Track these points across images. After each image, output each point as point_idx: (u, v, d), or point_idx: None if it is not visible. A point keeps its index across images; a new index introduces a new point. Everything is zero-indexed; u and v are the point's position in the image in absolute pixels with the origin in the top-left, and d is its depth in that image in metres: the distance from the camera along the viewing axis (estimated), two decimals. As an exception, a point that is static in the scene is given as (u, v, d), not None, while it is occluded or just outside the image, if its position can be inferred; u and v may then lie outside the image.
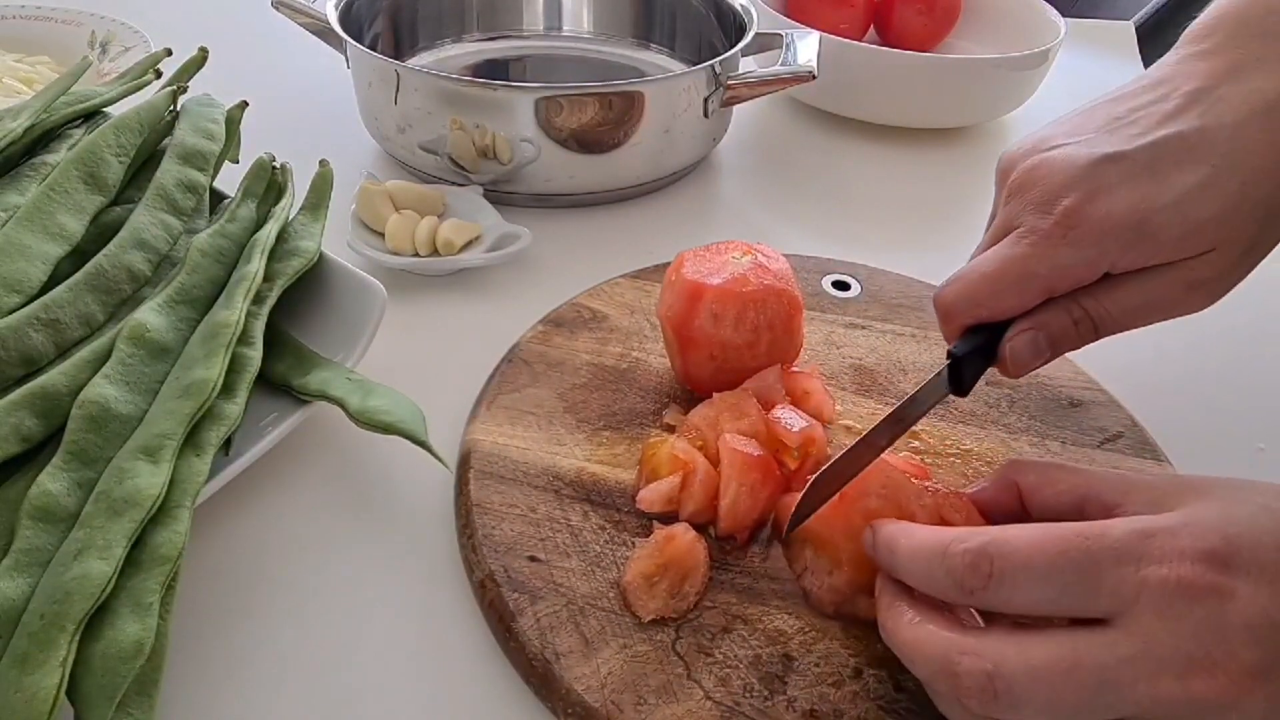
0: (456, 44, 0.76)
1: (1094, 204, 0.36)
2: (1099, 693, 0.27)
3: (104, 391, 0.37)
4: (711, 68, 0.60)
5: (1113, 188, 0.35)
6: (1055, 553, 0.29)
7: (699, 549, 0.37)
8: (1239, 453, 0.48)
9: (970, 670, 0.29)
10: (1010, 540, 0.30)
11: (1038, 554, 0.29)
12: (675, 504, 0.40)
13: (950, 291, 0.39)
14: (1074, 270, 0.36)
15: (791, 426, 0.40)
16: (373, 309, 0.44)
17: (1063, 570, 0.28)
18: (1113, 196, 0.35)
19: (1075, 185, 0.36)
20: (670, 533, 0.38)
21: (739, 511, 0.39)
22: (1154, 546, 0.28)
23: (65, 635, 0.30)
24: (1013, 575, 0.29)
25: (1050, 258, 0.36)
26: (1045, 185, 0.37)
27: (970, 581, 0.30)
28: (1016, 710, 0.28)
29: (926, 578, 0.31)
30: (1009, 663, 0.28)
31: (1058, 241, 0.36)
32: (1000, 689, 0.28)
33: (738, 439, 0.39)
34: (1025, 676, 0.28)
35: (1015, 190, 0.38)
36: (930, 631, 0.31)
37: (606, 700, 0.33)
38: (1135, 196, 0.35)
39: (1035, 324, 0.37)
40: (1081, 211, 0.36)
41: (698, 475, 0.39)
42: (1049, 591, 0.29)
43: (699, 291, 0.43)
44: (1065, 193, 0.36)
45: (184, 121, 0.50)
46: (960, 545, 0.30)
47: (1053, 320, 0.37)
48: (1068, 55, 0.88)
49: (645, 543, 0.38)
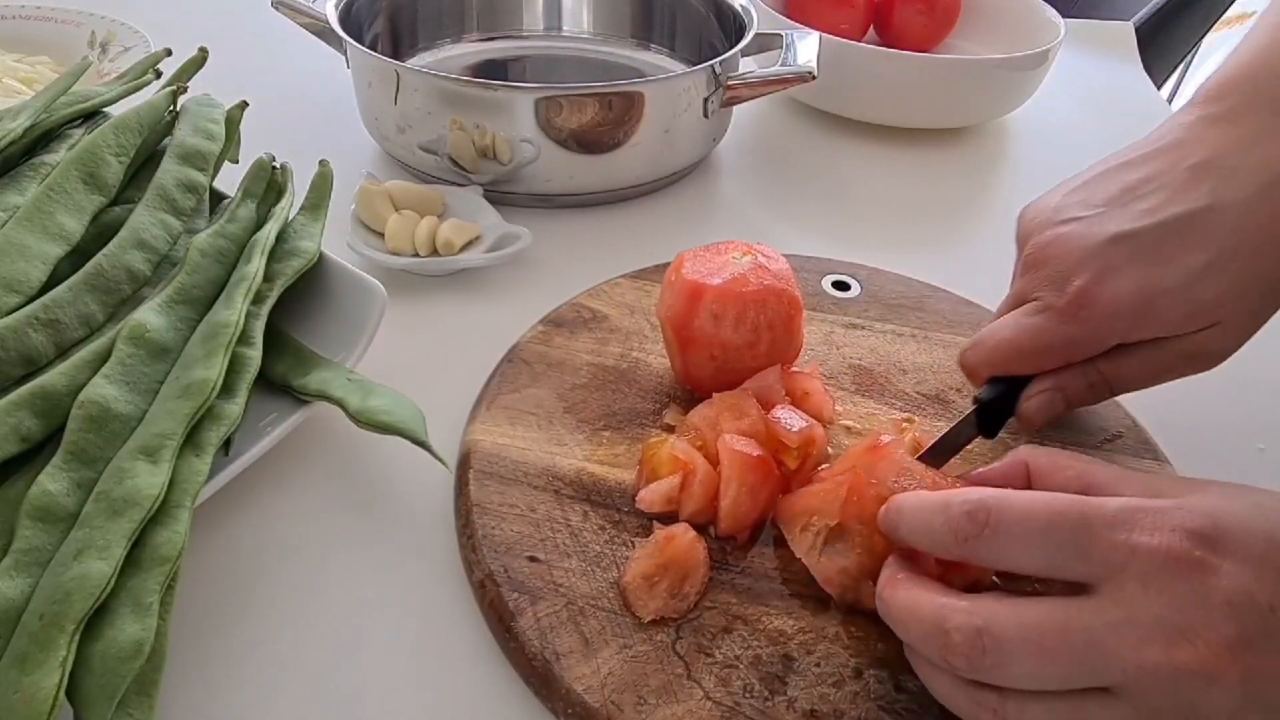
0: (456, 44, 0.76)
1: (1103, 286, 0.38)
2: (1085, 655, 0.28)
3: (104, 391, 0.37)
4: (711, 68, 0.60)
5: (1121, 269, 0.38)
6: (1052, 512, 0.30)
7: (699, 549, 0.37)
8: (1239, 453, 0.48)
9: (960, 626, 0.29)
10: (1009, 497, 0.31)
11: (1034, 512, 0.30)
12: (675, 504, 0.40)
13: (972, 355, 0.43)
14: (1085, 345, 0.40)
15: (791, 427, 0.40)
16: (373, 309, 0.44)
17: (1058, 528, 0.29)
18: (1121, 278, 0.38)
19: (1087, 265, 0.39)
20: (670, 533, 0.38)
21: (739, 512, 0.39)
22: (1145, 519, 0.29)
23: (65, 635, 0.30)
24: (1007, 529, 0.30)
25: (1063, 333, 0.39)
26: (1059, 264, 0.40)
27: (966, 529, 0.31)
28: (1003, 668, 0.29)
29: (926, 530, 0.32)
30: (1000, 619, 0.29)
31: (1070, 319, 0.39)
32: (989, 645, 0.29)
33: (737, 439, 0.39)
34: (1015, 633, 0.29)
35: (1031, 264, 0.41)
36: (923, 594, 0.32)
37: (606, 700, 0.33)
38: (1142, 278, 0.38)
39: (1054, 385, 0.41)
40: (1091, 293, 0.38)
41: (698, 475, 0.39)
42: (1042, 549, 0.30)
43: (699, 291, 0.43)
44: (1078, 272, 0.39)
45: (184, 121, 0.50)
46: (961, 498, 0.31)
47: (1070, 383, 0.41)
48: (1067, 56, 0.88)
49: (645, 543, 0.38)
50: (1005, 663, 0.29)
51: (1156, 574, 0.28)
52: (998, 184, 0.74)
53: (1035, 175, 0.74)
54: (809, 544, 0.37)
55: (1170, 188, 0.38)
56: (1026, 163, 0.76)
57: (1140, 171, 0.40)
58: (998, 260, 0.63)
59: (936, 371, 0.49)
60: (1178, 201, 0.38)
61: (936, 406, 0.47)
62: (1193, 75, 1.87)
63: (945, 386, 0.48)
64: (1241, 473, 0.47)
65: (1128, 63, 0.95)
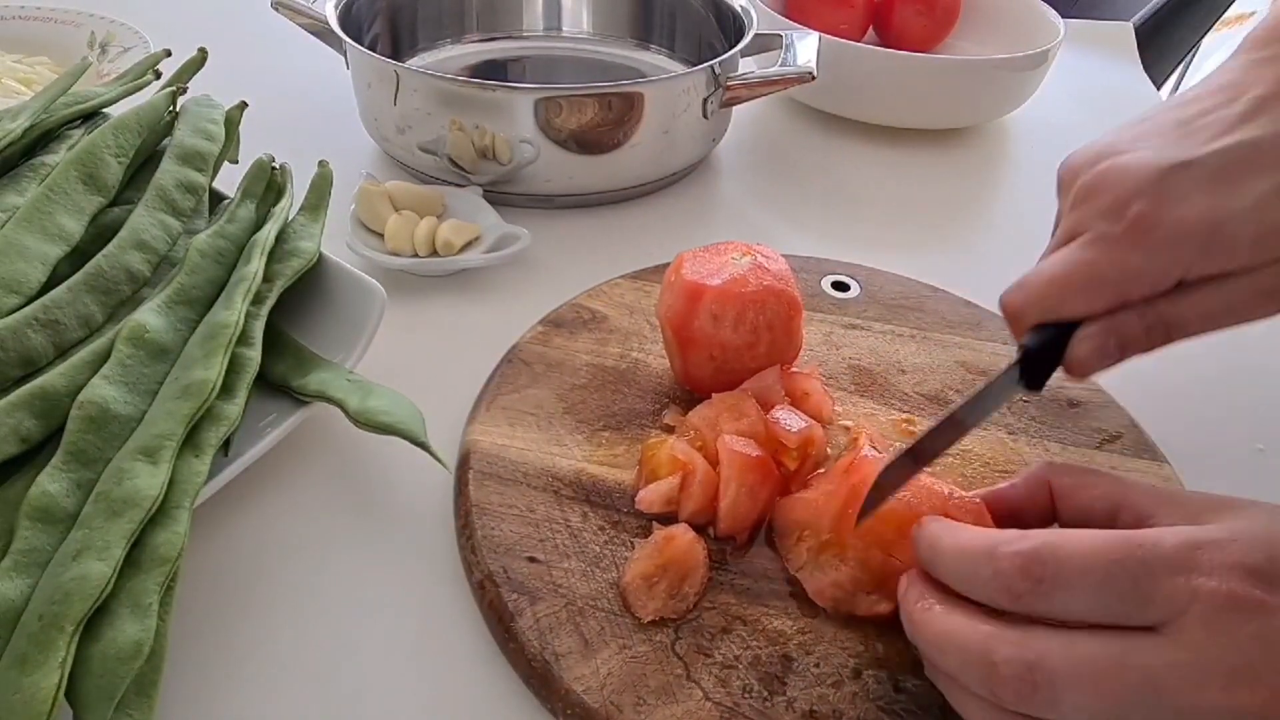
0: (456, 45, 0.76)
1: (1166, 210, 0.35)
2: (1140, 694, 0.27)
3: (103, 392, 0.37)
4: (711, 68, 0.60)
5: (1185, 194, 0.35)
6: (1111, 560, 0.28)
7: (698, 549, 0.37)
8: (1238, 453, 0.48)
9: (1010, 659, 0.28)
10: (1063, 545, 0.29)
11: (1093, 561, 0.29)
12: (674, 505, 0.40)
13: (1018, 295, 0.38)
14: (1147, 277, 0.35)
15: (791, 427, 0.40)
16: (372, 310, 0.44)
17: (1117, 578, 0.28)
18: (1185, 203, 0.35)
19: (1146, 191, 0.35)
20: (669, 533, 0.38)
21: (739, 512, 0.39)
22: (1204, 559, 0.28)
23: (64, 636, 0.30)
24: (1067, 581, 0.29)
25: (1122, 263, 0.35)
26: (1115, 191, 0.36)
27: (1020, 585, 0.29)
28: (1053, 706, 0.28)
29: (971, 578, 0.31)
30: (1053, 655, 0.28)
31: (1130, 247, 0.35)
32: (1041, 681, 0.28)
33: (737, 440, 0.39)
34: (1068, 670, 0.28)
35: (1082, 196, 0.38)
36: (966, 622, 0.30)
37: (606, 701, 0.33)
38: (1208, 203, 0.35)
39: (1107, 328, 0.36)
40: (1154, 217, 0.35)
41: (697, 476, 0.39)
42: (1102, 598, 0.28)
43: (698, 292, 0.43)
44: (1136, 199, 0.35)
45: (183, 122, 0.50)
46: (1010, 547, 0.30)
47: (1125, 325, 0.36)
48: (1067, 56, 0.88)
49: (644, 543, 0.38)
50: (1057, 699, 0.28)
51: (1219, 617, 0.27)
52: (997, 184, 0.74)
53: (1035, 175, 0.74)
54: (801, 558, 0.37)
55: (1229, 119, 0.36)
56: (1026, 163, 0.76)
57: (1195, 108, 0.37)
58: (998, 260, 0.63)
59: (936, 372, 0.49)
60: (1239, 130, 0.36)
61: (936, 407, 0.47)
62: (1192, 75, 1.87)
63: (945, 387, 0.48)
64: (1241, 473, 0.47)
65: (1127, 63, 0.95)
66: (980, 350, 0.51)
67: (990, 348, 0.51)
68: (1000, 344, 0.51)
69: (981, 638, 0.29)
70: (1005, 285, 0.44)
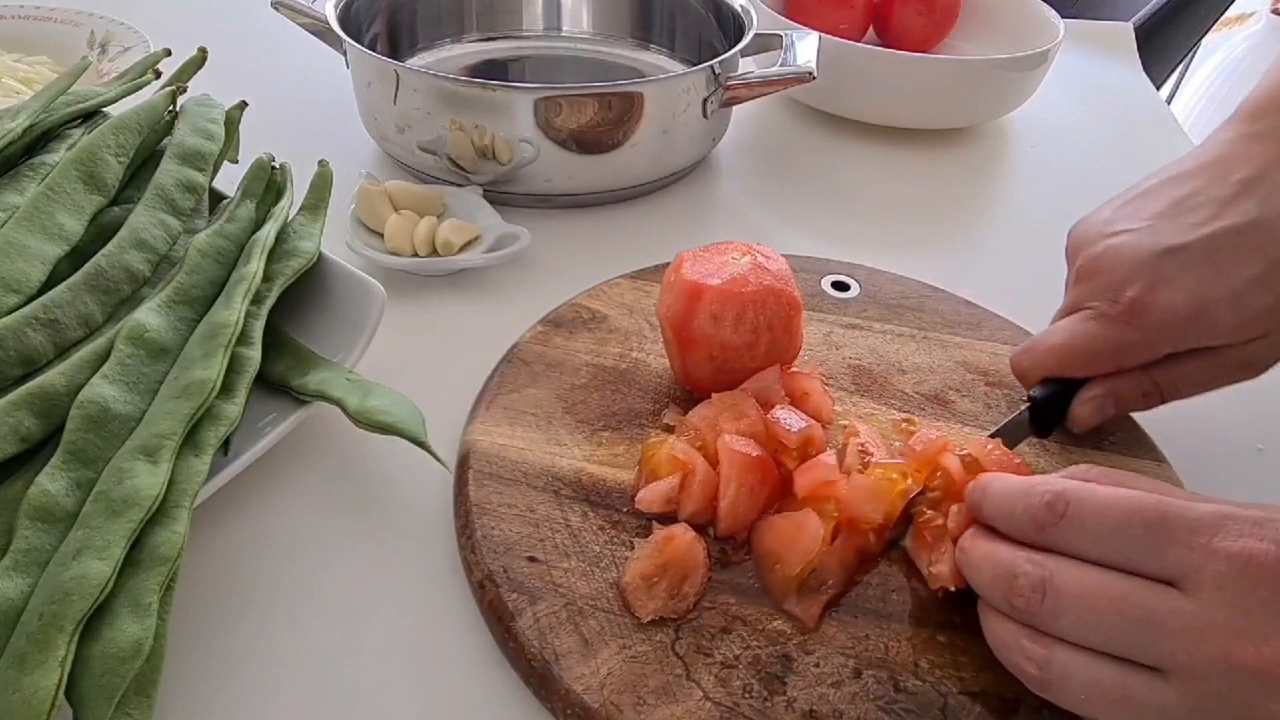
0: (456, 44, 0.76)
1: (1156, 294, 0.40)
2: (1136, 628, 0.29)
3: (103, 391, 0.37)
4: (711, 68, 0.60)
5: (1173, 279, 0.39)
6: (1131, 508, 0.30)
7: (698, 549, 0.37)
8: (1238, 453, 0.48)
9: (1028, 573, 0.31)
10: (1091, 489, 0.32)
11: (1114, 505, 0.31)
12: (674, 504, 0.40)
13: (1025, 359, 0.44)
14: (1138, 351, 0.41)
15: (791, 427, 0.40)
16: (372, 309, 0.44)
17: (1134, 525, 0.30)
18: (1173, 287, 0.39)
19: (1139, 275, 0.40)
20: (669, 533, 0.38)
21: (738, 512, 0.39)
22: (1234, 525, 0.29)
23: (64, 635, 0.30)
24: (1083, 519, 0.31)
25: (1116, 340, 0.41)
26: (1112, 274, 0.41)
27: (1044, 516, 0.32)
28: (1054, 616, 0.30)
29: (1007, 513, 0.33)
30: (1064, 574, 0.31)
31: (1124, 326, 0.40)
32: (1049, 592, 0.30)
33: (737, 439, 0.39)
34: (1074, 589, 0.30)
35: (1084, 275, 0.42)
36: (1002, 547, 0.33)
37: (606, 701, 0.33)
38: (1194, 288, 0.39)
39: (1108, 390, 0.42)
40: (1145, 302, 0.40)
41: (697, 476, 0.39)
42: (1116, 541, 0.30)
43: (698, 292, 0.43)
44: (1130, 282, 0.40)
45: (183, 121, 0.50)
46: (1043, 486, 0.33)
47: (1123, 389, 0.42)
48: (1067, 56, 0.88)
49: (644, 543, 0.38)
50: (1058, 611, 0.30)
51: (1235, 580, 0.28)
52: (997, 184, 0.74)
53: (1035, 175, 0.74)
54: (781, 588, 0.37)
55: (1218, 201, 0.40)
56: (1026, 163, 0.76)
57: (1187, 186, 0.41)
58: (997, 260, 0.63)
59: (936, 371, 0.49)
60: (1226, 215, 0.40)
61: (935, 407, 0.47)
62: (1192, 76, 1.87)
63: (944, 386, 0.48)
64: (1241, 473, 0.47)
65: (1127, 63, 0.95)
66: (980, 350, 0.51)
67: (990, 347, 0.51)
68: (1000, 344, 0.51)
69: (1009, 556, 0.32)
70: (1005, 285, 0.45)
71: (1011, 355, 0.45)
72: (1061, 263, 0.46)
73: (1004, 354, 0.50)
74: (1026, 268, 0.61)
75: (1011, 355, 0.45)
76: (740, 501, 0.39)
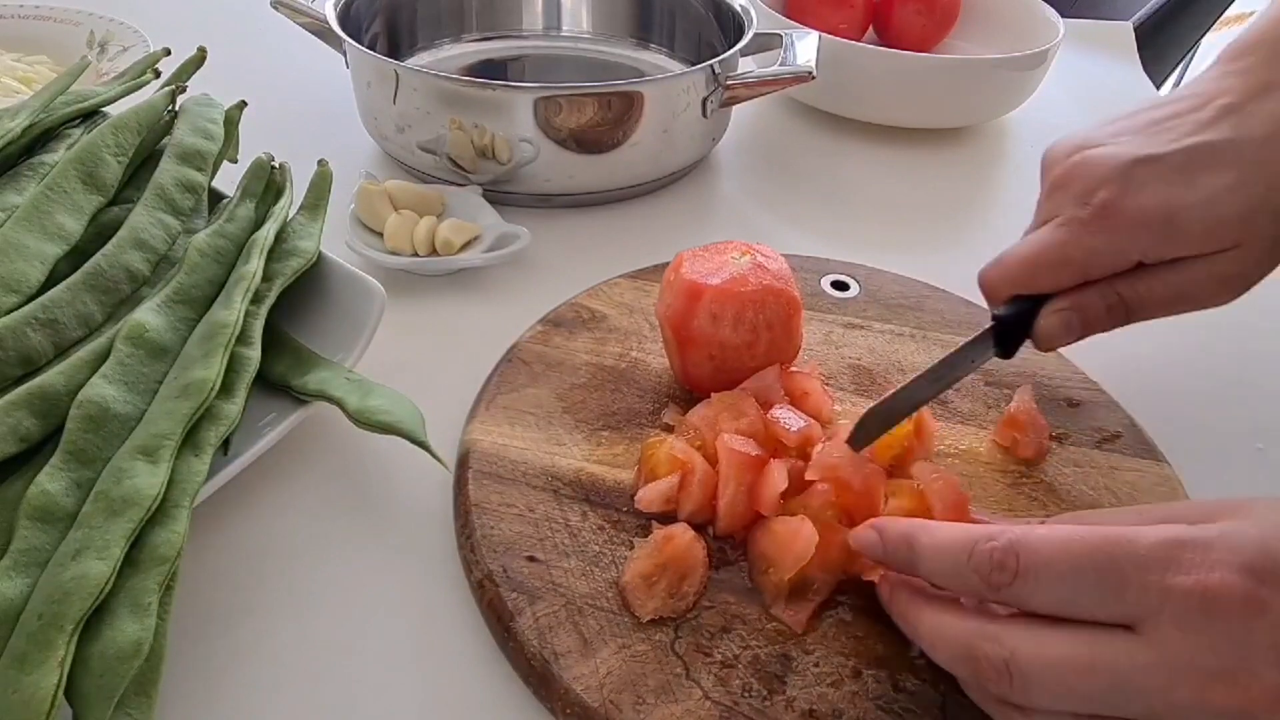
0: (455, 44, 0.76)
1: (1128, 198, 0.39)
2: (1111, 693, 0.28)
3: (102, 391, 0.37)
4: (710, 68, 0.60)
5: (1146, 185, 0.39)
6: (1079, 553, 0.29)
7: (697, 548, 0.37)
8: (1238, 453, 0.48)
9: (989, 655, 0.30)
10: (1037, 538, 0.30)
11: (1062, 554, 0.29)
12: (673, 504, 0.40)
13: (992, 271, 0.42)
14: (1107, 257, 0.40)
15: (790, 426, 0.40)
16: (371, 309, 0.44)
17: (1085, 572, 0.29)
18: (1145, 193, 0.39)
19: (1112, 181, 0.39)
20: (669, 533, 0.38)
21: (737, 511, 0.39)
22: (1184, 556, 0.28)
23: (63, 635, 0.30)
24: (1036, 573, 0.29)
25: (1086, 244, 0.40)
26: (1084, 180, 0.40)
27: (998, 577, 0.30)
28: (1028, 694, 0.29)
29: (952, 574, 0.32)
30: (1024, 649, 0.29)
31: (1094, 230, 0.39)
32: (1015, 673, 0.29)
33: (736, 439, 0.39)
34: (1039, 667, 0.29)
35: (1057, 184, 0.42)
36: (952, 621, 0.32)
37: (605, 700, 0.33)
38: (1166, 194, 0.39)
39: (1072, 304, 0.41)
40: (1116, 204, 0.39)
41: (696, 475, 0.39)
42: (1071, 592, 0.29)
43: (698, 291, 0.43)
44: (1102, 187, 0.40)
45: (182, 121, 0.50)
46: (988, 543, 0.31)
47: (1089, 302, 0.41)
48: (1067, 55, 0.88)
49: (644, 543, 0.38)
50: (1029, 691, 0.29)
51: (1194, 616, 0.27)
52: (997, 184, 0.74)
53: (1034, 175, 0.74)
54: (772, 592, 0.37)
55: (1195, 123, 0.40)
56: (1026, 163, 0.76)
57: (1168, 109, 0.41)
58: (997, 260, 0.63)
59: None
60: (1202, 132, 0.40)
61: (935, 406, 0.47)
62: (1192, 75, 1.87)
63: (944, 386, 0.48)
64: (1241, 473, 0.47)
65: (1127, 63, 0.95)
66: (980, 350, 0.51)
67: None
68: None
69: (964, 635, 0.31)
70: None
71: (980, 271, 0.43)
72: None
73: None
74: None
75: (980, 271, 0.43)
76: (739, 501, 0.39)
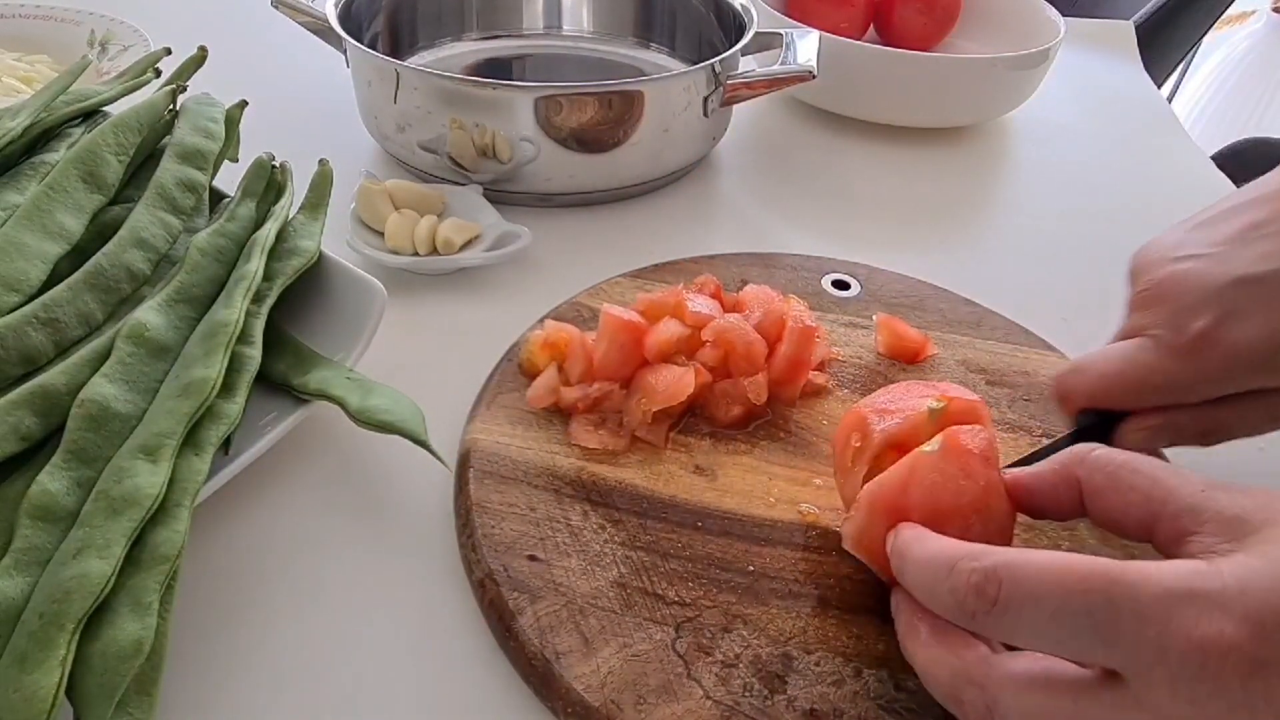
0: (456, 43, 0.76)
1: (1226, 329, 0.36)
2: None
3: (103, 390, 0.37)
4: (711, 67, 0.60)
5: (1246, 313, 0.36)
6: (1071, 590, 0.26)
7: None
8: (1239, 453, 0.48)
9: (972, 701, 0.29)
10: (1025, 565, 0.27)
11: (1052, 587, 0.27)
12: (559, 395, 0.44)
13: (1073, 380, 0.40)
14: (1198, 388, 0.37)
15: (699, 309, 0.45)
16: (372, 308, 0.44)
17: (1075, 613, 0.26)
18: (1246, 323, 0.36)
19: (1209, 306, 0.36)
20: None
21: (610, 364, 0.43)
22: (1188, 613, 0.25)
23: (64, 634, 0.30)
24: (1019, 605, 0.27)
25: (1177, 372, 0.37)
26: (1178, 302, 0.37)
27: (972, 604, 0.28)
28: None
29: (930, 592, 0.30)
30: (1005, 704, 0.28)
31: (1189, 360, 0.37)
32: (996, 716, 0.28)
33: (614, 307, 0.44)
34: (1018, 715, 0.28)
35: (1146, 301, 0.39)
36: (939, 657, 0.30)
37: (606, 699, 0.33)
38: (1269, 324, 0.35)
39: (1164, 423, 0.38)
40: (1214, 336, 0.36)
41: (574, 346, 0.44)
42: (1055, 631, 0.27)
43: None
44: (1199, 313, 0.36)
45: (183, 120, 0.50)
46: (969, 563, 0.28)
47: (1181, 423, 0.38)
48: (1068, 55, 0.88)
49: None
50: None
51: (1190, 681, 0.25)
52: (998, 183, 0.74)
53: (1035, 174, 0.74)
54: (638, 418, 0.42)
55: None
56: (1026, 162, 0.76)
57: (1263, 211, 0.38)
58: (998, 259, 0.63)
59: (936, 370, 0.49)
60: None
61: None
62: (1193, 74, 1.87)
63: (945, 386, 0.48)
64: (1241, 473, 0.47)
65: (1128, 62, 0.95)
66: (981, 349, 0.51)
67: (990, 346, 0.51)
68: (1000, 342, 0.51)
69: (950, 675, 0.30)
70: (1006, 284, 0.44)
71: (1056, 374, 0.41)
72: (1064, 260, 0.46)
73: (1004, 353, 0.50)
74: (1027, 266, 0.61)
75: (1056, 374, 0.41)
76: (612, 356, 0.43)
